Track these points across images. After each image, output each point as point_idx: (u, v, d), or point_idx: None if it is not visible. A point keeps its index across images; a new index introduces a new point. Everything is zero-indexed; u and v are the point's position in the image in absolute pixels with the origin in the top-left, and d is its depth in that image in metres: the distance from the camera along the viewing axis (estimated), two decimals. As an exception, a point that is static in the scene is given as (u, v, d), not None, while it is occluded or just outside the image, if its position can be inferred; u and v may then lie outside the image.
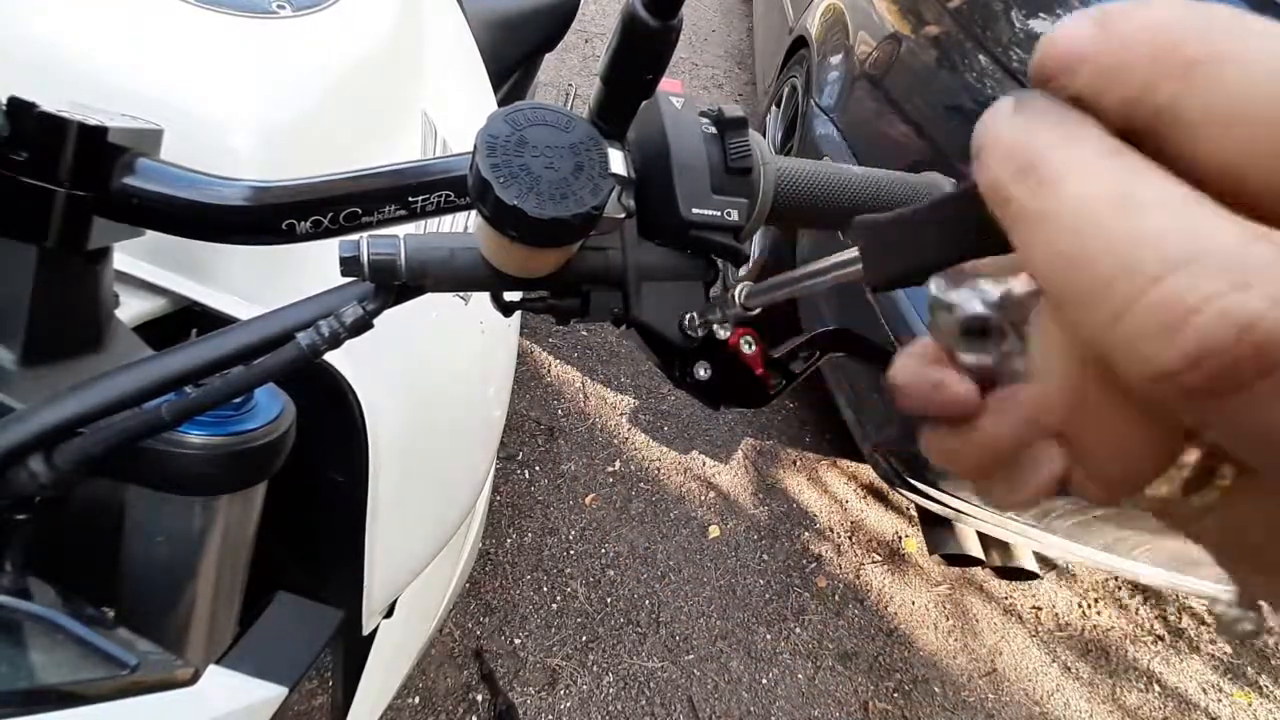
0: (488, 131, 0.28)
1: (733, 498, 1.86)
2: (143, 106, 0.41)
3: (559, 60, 3.13)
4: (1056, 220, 0.11)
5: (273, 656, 0.41)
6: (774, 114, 2.44)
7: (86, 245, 0.37)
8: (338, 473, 0.57)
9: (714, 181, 0.36)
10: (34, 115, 0.33)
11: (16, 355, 0.38)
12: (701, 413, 2.00)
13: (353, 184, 0.36)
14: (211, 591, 0.43)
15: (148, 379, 0.34)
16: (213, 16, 0.54)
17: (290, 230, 0.36)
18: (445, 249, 0.33)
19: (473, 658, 1.42)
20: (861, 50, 1.85)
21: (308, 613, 0.45)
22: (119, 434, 0.34)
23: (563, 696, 1.43)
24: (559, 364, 2.02)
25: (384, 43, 0.65)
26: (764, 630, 1.63)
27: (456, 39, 0.91)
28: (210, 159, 0.41)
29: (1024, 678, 1.73)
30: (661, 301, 0.36)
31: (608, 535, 1.69)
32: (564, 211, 0.28)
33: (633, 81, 0.29)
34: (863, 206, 0.41)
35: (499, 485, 1.70)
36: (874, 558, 1.86)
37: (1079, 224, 0.11)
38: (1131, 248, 0.11)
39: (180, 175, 0.36)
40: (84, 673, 0.34)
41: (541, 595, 1.56)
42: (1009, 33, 1.41)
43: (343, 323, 0.32)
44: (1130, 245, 0.11)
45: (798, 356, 0.42)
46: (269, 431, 0.40)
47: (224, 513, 0.42)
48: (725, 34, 3.97)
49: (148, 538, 0.41)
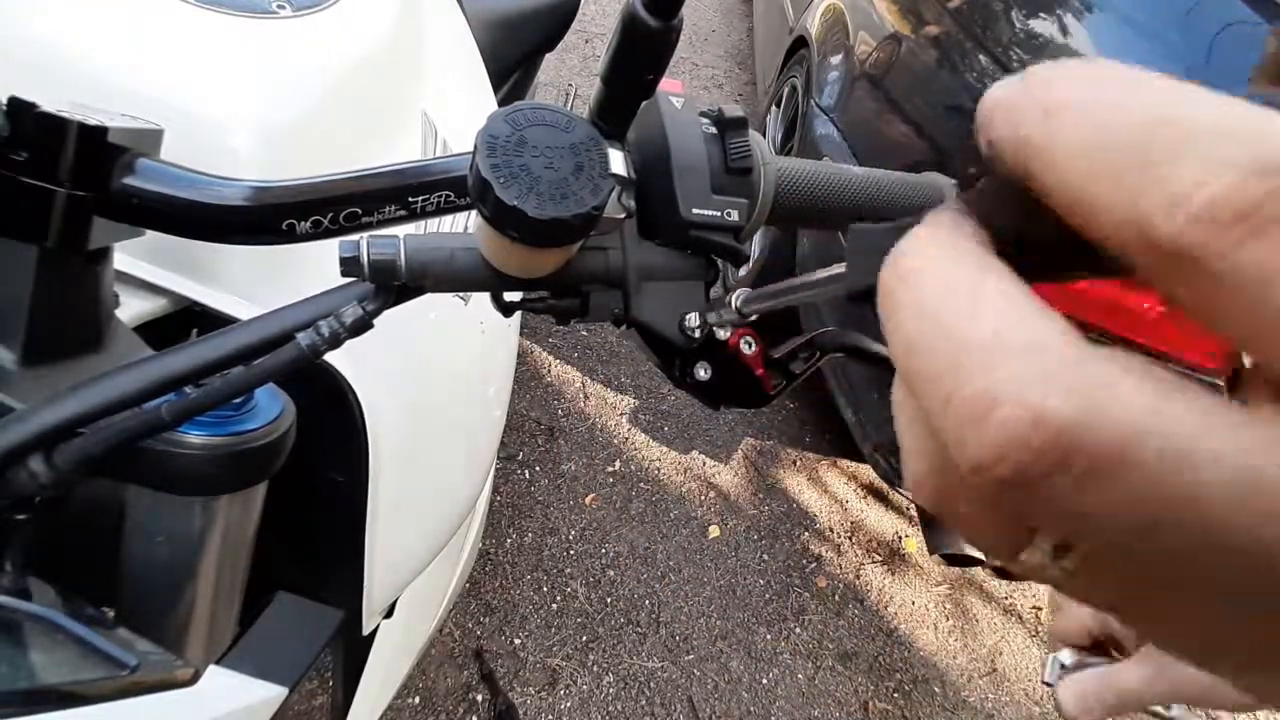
0: (488, 131, 0.28)
1: (733, 498, 1.86)
2: (143, 106, 0.41)
3: (559, 60, 3.13)
4: (908, 309, 0.13)
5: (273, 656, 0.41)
6: (774, 114, 2.44)
7: (86, 245, 0.37)
8: (338, 473, 0.57)
9: (714, 182, 0.36)
10: (34, 115, 0.33)
11: (16, 355, 0.38)
12: (701, 413, 2.00)
13: (353, 184, 0.36)
14: (211, 591, 0.43)
15: (148, 379, 0.34)
16: (213, 16, 0.54)
17: (290, 230, 0.36)
18: (445, 249, 0.33)
19: (473, 658, 1.42)
20: (861, 50, 1.85)
21: (308, 613, 0.45)
22: (119, 434, 0.34)
23: (563, 696, 1.43)
24: (559, 364, 2.02)
25: (384, 43, 0.65)
26: (764, 630, 1.63)
27: (456, 39, 0.91)
28: (210, 159, 0.41)
29: (1024, 678, 1.73)
30: (661, 301, 0.36)
31: (608, 535, 1.69)
32: (564, 212, 0.28)
33: (633, 81, 0.29)
34: (863, 206, 0.41)
35: (499, 485, 1.70)
36: (874, 558, 1.86)
37: (922, 315, 0.13)
38: (959, 342, 0.12)
39: (180, 175, 0.36)
40: (84, 673, 0.34)
41: (541, 595, 1.56)
42: (1009, 33, 1.41)
43: (343, 323, 0.32)
44: (958, 340, 0.12)
45: (798, 357, 0.42)
46: (269, 431, 0.40)
47: (224, 513, 0.42)
48: (725, 34, 3.97)
49: (148, 538, 0.41)
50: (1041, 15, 1.37)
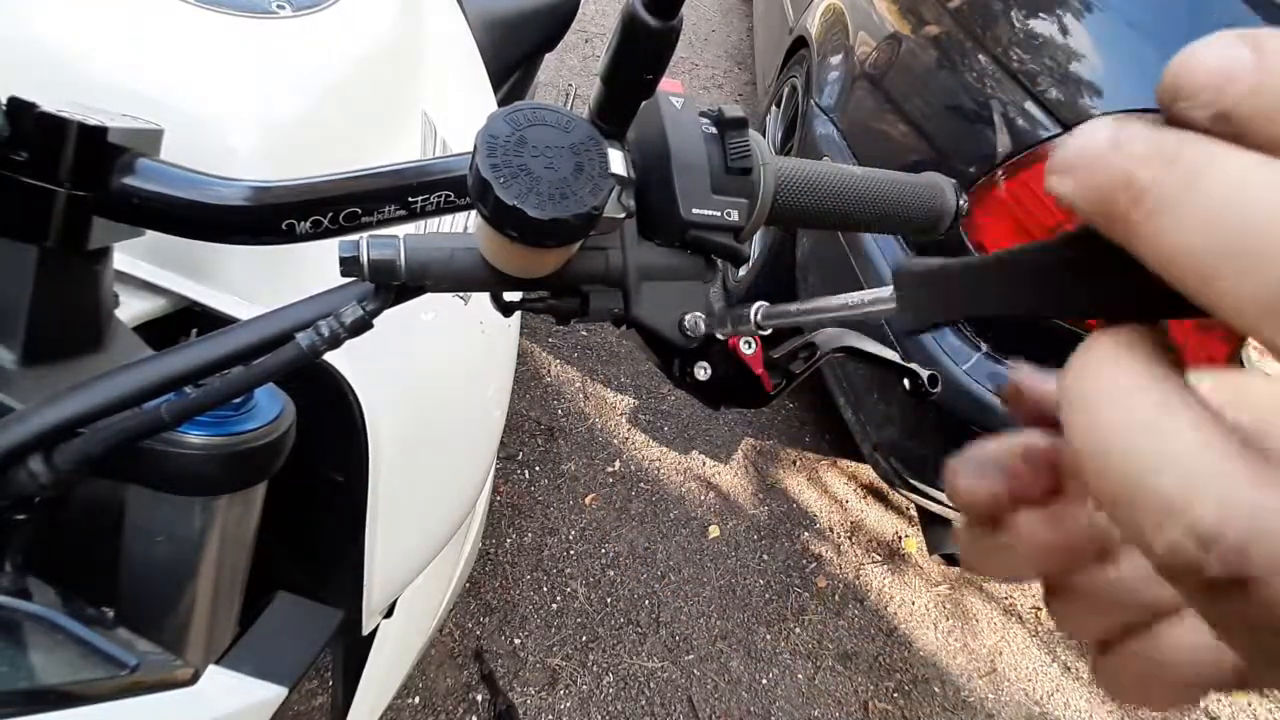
0: (488, 131, 0.28)
1: (733, 498, 1.86)
2: (143, 106, 0.41)
3: (559, 60, 3.13)
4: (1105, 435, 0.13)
5: (273, 656, 0.41)
6: (774, 114, 2.44)
7: (86, 245, 0.37)
8: (338, 473, 0.57)
9: (714, 182, 0.36)
10: (34, 115, 0.33)
11: (16, 355, 0.38)
12: (701, 413, 2.00)
13: (353, 184, 0.36)
14: (211, 591, 0.43)
15: (148, 379, 0.34)
16: (213, 16, 0.54)
17: (290, 230, 0.36)
18: (445, 249, 0.33)
19: (473, 658, 1.42)
20: (861, 50, 1.85)
21: (308, 613, 0.45)
22: (119, 434, 0.34)
23: (563, 696, 1.43)
24: (559, 364, 2.02)
25: (384, 43, 0.65)
26: (764, 630, 1.63)
27: (456, 39, 0.91)
28: (210, 159, 0.41)
29: (1024, 678, 1.73)
30: (661, 301, 0.36)
31: (608, 535, 1.69)
32: (564, 212, 0.28)
33: (633, 81, 0.29)
34: (863, 206, 0.41)
35: (499, 485, 1.70)
36: (874, 558, 1.86)
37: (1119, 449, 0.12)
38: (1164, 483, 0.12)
39: (180, 175, 0.36)
40: (84, 673, 0.34)
41: (541, 595, 1.56)
42: (1009, 33, 1.41)
43: (342, 323, 0.32)
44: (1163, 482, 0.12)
45: (797, 357, 0.42)
46: (269, 431, 0.40)
47: (224, 513, 0.42)
48: (725, 34, 3.97)
49: (148, 538, 0.41)
50: (1041, 15, 1.37)
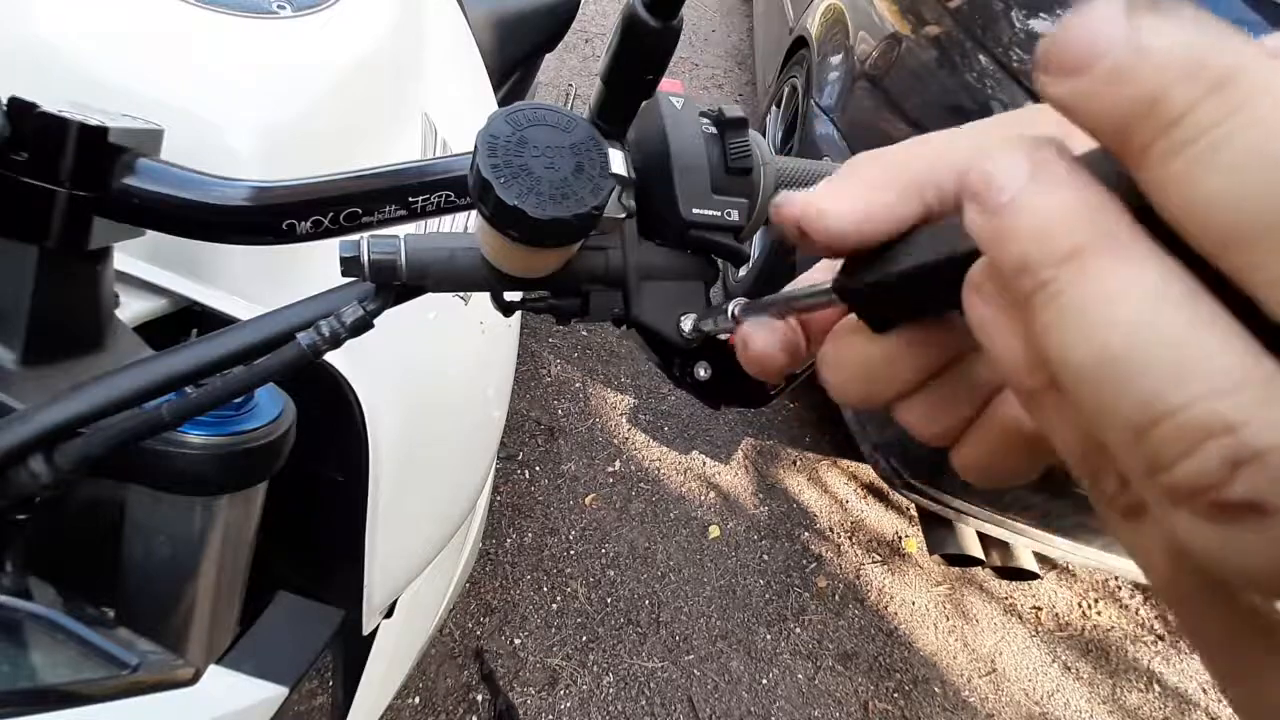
0: (488, 131, 0.28)
1: (733, 498, 1.86)
2: (143, 106, 0.41)
3: (559, 60, 3.13)
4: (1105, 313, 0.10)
5: (273, 656, 0.41)
6: (774, 114, 2.44)
7: (87, 245, 0.37)
8: (338, 473, 0.57)
9: (714, 182, 0.36)
10: (34, 115, 0.33)
11: (16, 355, 0.38)
12: (701, 413, 2.00)
13: (353, 184, 0.36)
14: (212, 591, 0.43)
15: (148, 379, 0.34)
16: (212, 16, 0.54)
17: (290, 230, 0.36)
18: (446, 249, 0.33)
19: (473, 658, 1.42)
20: (861, 50, 1.85)
21: (308, 613, 0.45)
22: (119, 434, 0.34)
23: (563, 696, 1.43)
24: (559, 364, 2.02)
25: (384, 43, 0.65)
26: (764, 630, 1.63)
27: (456, 39, 0.91)
28: (210, 159, 0.40)
29: (1024, 678, 1.73)
30: (662, 301, 0.36)
31: (608, 535, 1.69)
32: (564, 211, 0.28)
33: (633, 82, 0.29)
34: None
35: (499, 485, 1.70)
36: (874, 558, 1.86)
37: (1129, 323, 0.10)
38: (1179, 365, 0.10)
39: (180, 175, 0.36)
40: (84, 673, 0.34)
41: (541, 595, 1.56)
42: (1009, 33, 1.41)
43: (343, 323, 0.32)
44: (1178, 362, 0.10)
45: None
46: (269, 431, 0.40)
47: (224, 513, 0.42)
48: (725, 34, 3.97)
49: (148, 538, 0.41)
50: (1041, 15, 1.37)
